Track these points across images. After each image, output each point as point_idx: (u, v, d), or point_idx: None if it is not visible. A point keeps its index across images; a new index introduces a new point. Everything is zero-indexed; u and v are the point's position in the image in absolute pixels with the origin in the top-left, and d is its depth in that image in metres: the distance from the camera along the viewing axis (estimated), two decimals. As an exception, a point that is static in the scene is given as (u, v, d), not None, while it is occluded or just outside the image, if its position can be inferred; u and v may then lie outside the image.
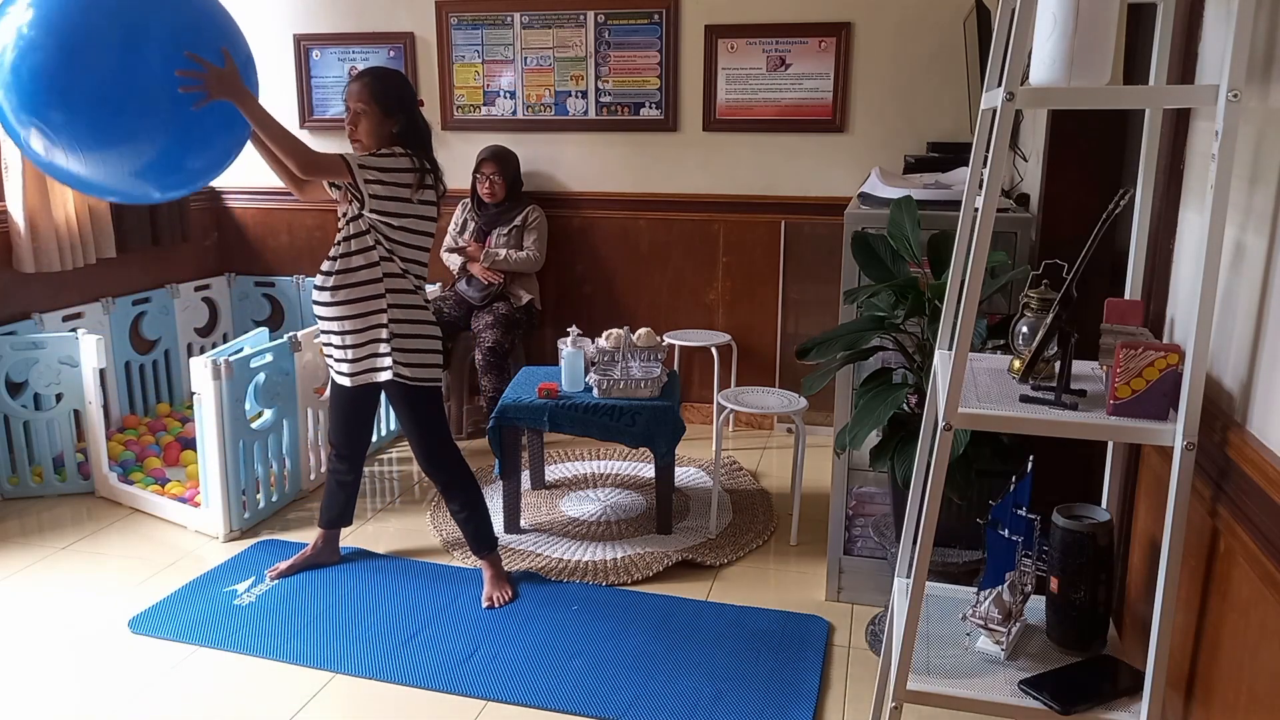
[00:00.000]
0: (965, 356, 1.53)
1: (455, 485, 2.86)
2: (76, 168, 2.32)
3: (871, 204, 2.76)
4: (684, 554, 3.17)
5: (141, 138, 2.33)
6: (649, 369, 3.31)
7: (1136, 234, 1.81)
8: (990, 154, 1.52)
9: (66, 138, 2.26)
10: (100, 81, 2.23)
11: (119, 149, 2.33)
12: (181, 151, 2.43)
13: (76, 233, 3.96)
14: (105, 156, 2.32)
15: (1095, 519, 1.71)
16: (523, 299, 4.27)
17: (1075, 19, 1.44)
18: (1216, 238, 1.37)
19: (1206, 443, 1.50)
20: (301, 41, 4.70)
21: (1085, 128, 2.49)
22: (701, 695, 2.43)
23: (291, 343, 3.51)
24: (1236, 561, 1.39)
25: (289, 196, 4.76)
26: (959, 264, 1.80)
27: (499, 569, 2.92)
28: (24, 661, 2.59)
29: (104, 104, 2.24)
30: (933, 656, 1.74)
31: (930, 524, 1.61)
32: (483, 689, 2.46)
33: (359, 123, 2.62)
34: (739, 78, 4.25)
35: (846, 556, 2.89)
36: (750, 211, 4.36)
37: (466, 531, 2.91)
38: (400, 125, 2.64)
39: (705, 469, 3.94)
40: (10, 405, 3.58)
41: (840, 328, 2.49)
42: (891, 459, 2.34)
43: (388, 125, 2.63)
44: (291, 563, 3.03)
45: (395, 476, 3.93)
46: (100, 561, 3.16)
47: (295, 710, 2.39)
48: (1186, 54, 1.77)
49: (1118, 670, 1.67)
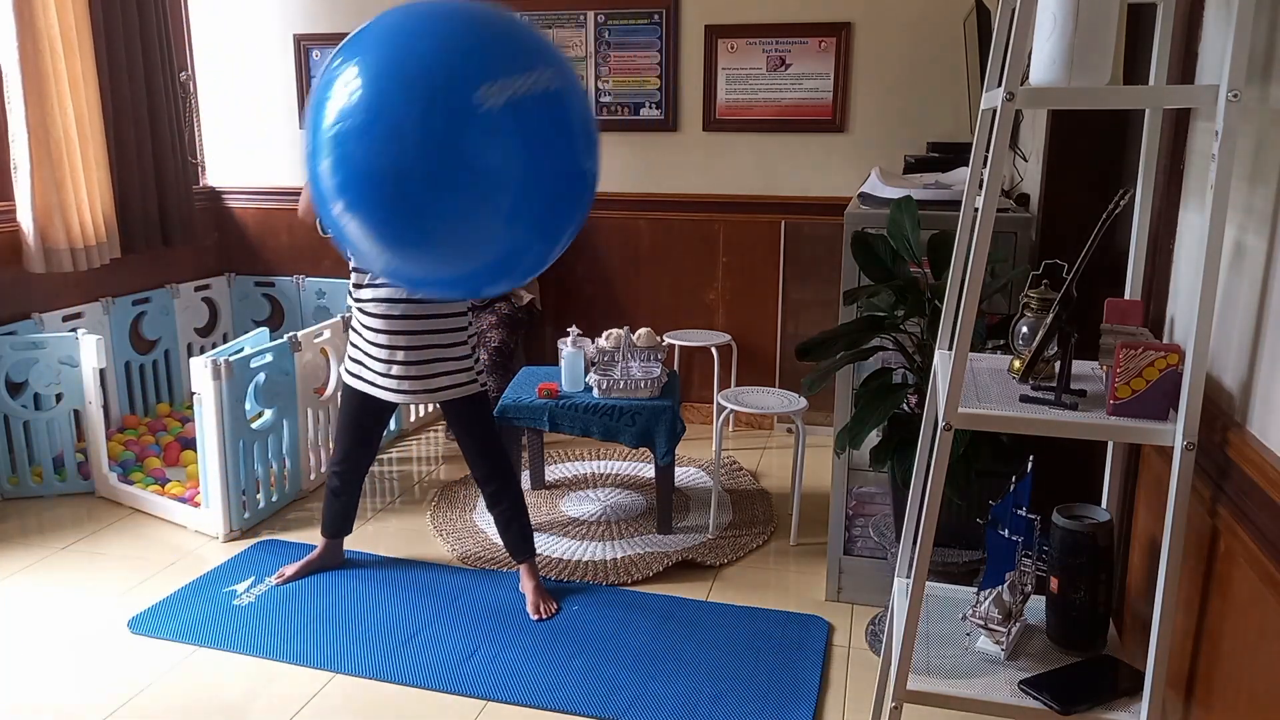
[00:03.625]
0: (965, 356, 1.53)
1: (506, 489, 2.86)
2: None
3: (871, 204, 2.76)
4: (684, 554, 3.17)
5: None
6: (649, 369, 3.31)
7: (1136, 234, 1.81)
8: (990, 154, 1.52)
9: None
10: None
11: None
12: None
13: (91, 233, 3.96)
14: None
15: (1095, 519, 1.71)
16: (523, 299, 4.27)
17: (1075, 19, 1.44)
18: (1216, 238, 1.37)
19: (1206, 443, 1.50)
20: (301, 41, 4.70)
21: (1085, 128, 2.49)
22: (701, 695, 2.43)
23: (291, 343, 3.51)
24: (1236, 562, 1.39)
25: (289, 196, 4.76)
26: (959, 264, 1.80)
27: (539, 579, 2.91)
28: (24, 661, 2.59)
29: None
30: (933, 656, 1.74)
31: (930, 524, 1.61)
32: (483, 689, 2.46)
33: None
34: (739, 78, 4.25)
35: (846, 556, 2.89)
36: (750, 211, 4.36)
37: (508, 536, 2.89)
38: None
39: (705, 469, 3.94)
40: (10, 405, 3.58)
41: (840, 328, 2.49)
42: (891, 459, 2.34)
43: None
44: (297, 569, 3.02)
45: (395, 477, 3.93)
46: (100, 561, 3.15)
47: (295, 710, 2.39)
48: (1186, 54, 1.77)
49: (1118, 670, 1.67)
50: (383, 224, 1.76)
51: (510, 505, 2.86)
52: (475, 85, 1.68)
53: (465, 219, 1.77)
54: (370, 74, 1.72)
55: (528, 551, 2.89)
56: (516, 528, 2.87)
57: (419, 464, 4.07)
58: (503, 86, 1.70)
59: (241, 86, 4.85)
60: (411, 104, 1.69)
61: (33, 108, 3.69)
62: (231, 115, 4.89)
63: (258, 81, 4.82)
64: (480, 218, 1.77)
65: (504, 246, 1.87)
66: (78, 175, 3.89)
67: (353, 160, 1.71)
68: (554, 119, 1.79)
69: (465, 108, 1.68)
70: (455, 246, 1.83)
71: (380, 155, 1.69)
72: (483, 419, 2.83)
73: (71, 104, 3.83)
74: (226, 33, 4.82)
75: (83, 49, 3.87)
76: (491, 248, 1.86)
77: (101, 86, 4.00)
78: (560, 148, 1.81)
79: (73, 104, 3.83)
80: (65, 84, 3.80)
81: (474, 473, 2.87)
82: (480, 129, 1.70)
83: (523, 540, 2.88)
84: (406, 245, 1.81)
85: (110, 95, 4.06)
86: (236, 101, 4.88)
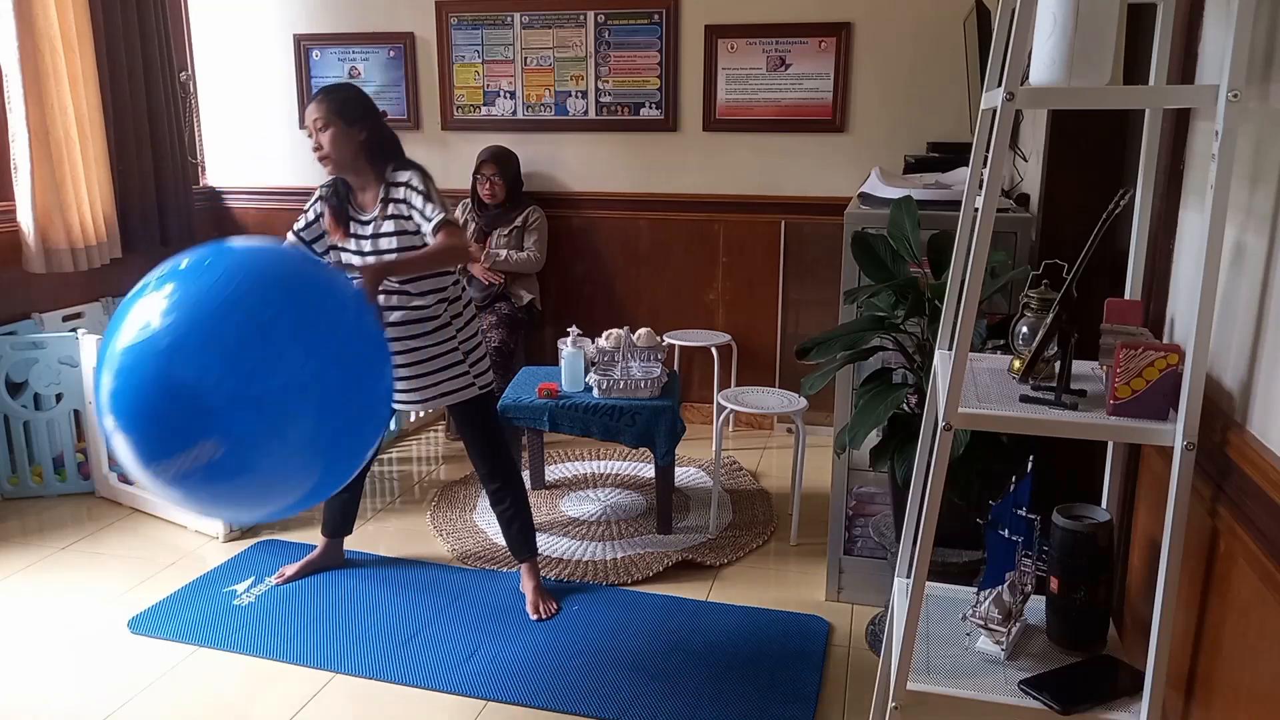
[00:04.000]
0: (965, 356, 1.53)
1: (509, 486, 2.85)
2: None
3: (871, 204, 2.76)
4: (684, 554, 3.17)
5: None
6: (649, 369, 3.31)
7: (1136, 234, 1.81)
8: (990, 154, 1.52)
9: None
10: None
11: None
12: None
13: (91, 233, 3.96)
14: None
15: (1095, 519, 1.71)
16: (524, 299, 4.27)
17: (1075, 19, 1.44)
18: (1216, 238, 1.37)
19: (1206, 443, 1.50)
20: (301, 41, 4.70)
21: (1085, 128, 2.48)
22: (701, 695, 2.43)
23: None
24: (1237, 562, 1.39)
25: (289, 196, 4.77)
26: (959, 264, 1.80)
27: (539, 579, 2.91)
28: (24, 661, 2.59)
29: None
30: (933, 656, 1.74)
31: (930, 524, 1.61)
32: (483, 689, 2.46)
33: (323, 137, 2.56)
34: (739, 78, 4.25)
35: (846, 556, 2.89)
36: (750, 211, 4.36)
37: (510, 533, 2.89)
38: (366, 133, 2.58)
39: (705, 469, 3.94)
40: (10, 405, 3.58)
41: (840, 328, 2.49)
42: (891, 459, 2.33)
43: (353, 135, 2.56)
44: (297, 569, 3.02)
45: (395, 476, 3.93)
46: (100, 561, 3.15)
47: (295, 710, 2.39)
48: (1186, 54, 1.77)
49: (1118, 670, 1.67)
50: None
51: (513, 504, 2.86)
52: (151, 460, 1.82)
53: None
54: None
55: (529, 551, 2.89)
56: (518, 527, 2.87)
57: (419, 464, 4.07)
58: (167, 466, 1.80)
59: (241, 86, 4.85)
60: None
61: (33, 108, 3.69)
62: (231, 115, 4.89)
63: (258, 81, 4.82)
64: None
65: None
66: (78, 175, 3.89)
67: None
68: (226, 483, 1.85)
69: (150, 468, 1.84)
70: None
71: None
72: (486, 419, 2.82)
73: (71, 104, 3.83)
74: (226, 33, 4.82)
75: (83, 49, 3.87)
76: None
77: (102, 86, 4.00)
78: (240, 494, 1.90)
79: (73, 104, 3.83)
80: (65, 84, 3.80)
81: (478, 471, 2.88)
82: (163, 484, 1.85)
83: (524, 540, 2.88)
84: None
85: (110, 95, 4.06)
86: (236, 101, 4.88)
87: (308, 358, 1.86)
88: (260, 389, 1.79)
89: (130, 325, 1.85)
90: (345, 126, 2.56)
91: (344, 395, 1.93)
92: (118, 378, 1.84)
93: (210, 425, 1.77)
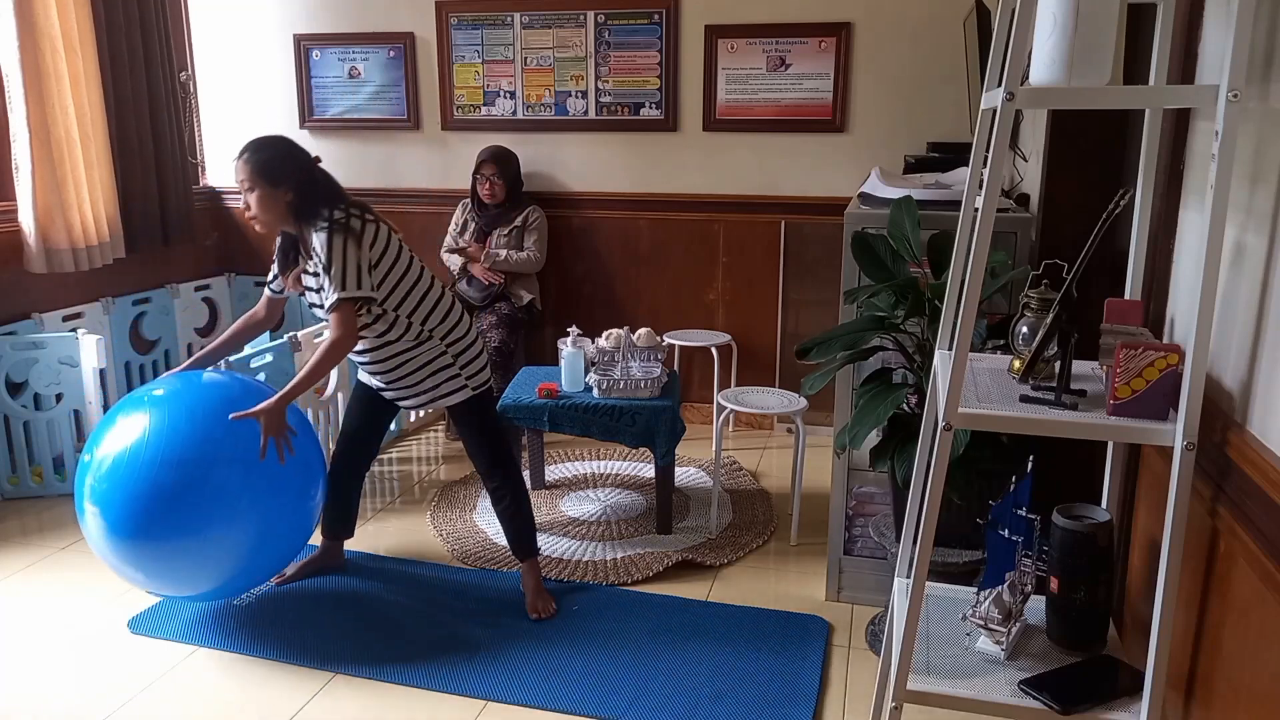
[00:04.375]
0: (965, 356, 1.53)
1: (508, 484, 2.86)
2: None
3: (871, 204, 2.76)
4: (684, 554, 3.17)
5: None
6: (649, 369, 3.31)
7: (1136, 234, 1.81)
8: (990, 154, 1.52)
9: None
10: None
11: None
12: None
13: (93, 233, 3.96)
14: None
15: (1095, 519, 1.71)
16: (524, 299, 4.27)
17: (1075, 19, 1.44)
18: (1216, 238, 1.37)
19: (1206, 443, 1.50)
20: (301, 41, 4.70)
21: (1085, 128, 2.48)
22: (701, 695, 2.43)
23: (291, 343, 3.51)
24: (1237, 562, 1.39)
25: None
26: (959, 264, 1.80)
27: (540, 579, 2.90)
28: (24, 661, 2.59)
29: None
30: (933, 656, 1.74)
31: (930, 524, 1.61)
32: (483, 689, 2.46)
33: (250, 198, 2.53)
34: (739, 78, 4.25)
35: (846, 556, 2.89)
36: (750, 211, 4.36)
37: (510, 532, 2.88)
38: (293, 193, 2.53)
39: (705, 469, 3.94)
40: (10, 405, 3.58)
41: (840, 328, 2.49)
42: (891, 459, 2.33)
43: (279, 196, 2.52)
44: (297, 569, 3.02)
45: (395, 476, 3.93)
46: (100, 561, 3.15)
47: (295, 710, 2.39)
48: (1186, 54, 1.77)
49: (1118, 670, 1.67)
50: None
51: (513, 502, 2.86)
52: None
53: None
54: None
55: (529, 550, 2.89)
56: (518, 525, 2.87)
57: (419, 464, 4.07)
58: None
59: (241, 86, 4.85)
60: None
61: (34, 108, 3.69)
62: (231, 115, 4.90)
63: (258, 81, 4.82)
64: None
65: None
66: (78, 175, 3.88)
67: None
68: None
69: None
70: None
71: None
72: (483, 418, 2.83)
73: (72, 104, 3.83)
74: (226, 33, 4.82)
75: (83, 49, 3.87)
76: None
77: (103, 86, 4.00)
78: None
79: (73, 104, 3.83)
80: (66, 84, 3.80)
81: (477, 468, 2.88)
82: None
83: (524, 539, 2.88)
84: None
85: (111, 95, 4.06)
86: (236, 101, 4.88)
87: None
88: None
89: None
90: (270, 189, 2.52)
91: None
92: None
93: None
